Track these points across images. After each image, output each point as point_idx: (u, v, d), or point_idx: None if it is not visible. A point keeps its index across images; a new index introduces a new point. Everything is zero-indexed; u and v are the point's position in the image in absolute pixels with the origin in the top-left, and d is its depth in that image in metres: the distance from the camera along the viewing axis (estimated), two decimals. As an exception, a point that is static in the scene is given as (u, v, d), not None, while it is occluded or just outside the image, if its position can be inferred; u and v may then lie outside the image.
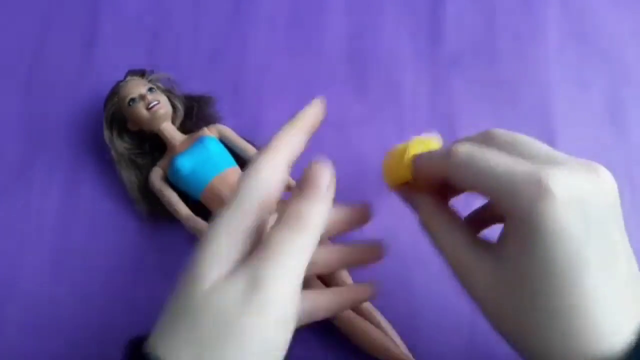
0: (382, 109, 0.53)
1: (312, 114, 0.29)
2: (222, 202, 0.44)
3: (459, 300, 0.47)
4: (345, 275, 0.45)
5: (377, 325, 0.43)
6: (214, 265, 0.21)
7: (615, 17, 0.57)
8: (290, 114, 0.56)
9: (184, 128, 0.51)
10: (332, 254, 0.32)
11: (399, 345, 0.43)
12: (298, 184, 0.24)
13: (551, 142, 0.52)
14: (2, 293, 0.47)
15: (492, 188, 0.24)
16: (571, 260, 0.21)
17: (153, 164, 0.50)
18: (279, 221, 0.22)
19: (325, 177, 0.24)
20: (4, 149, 0.52)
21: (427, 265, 0.48)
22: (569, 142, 0.52)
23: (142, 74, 0.51)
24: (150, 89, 0.48)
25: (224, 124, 0.51)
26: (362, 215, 0.27)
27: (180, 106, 0.51)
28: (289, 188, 0.46)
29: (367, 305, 0.44)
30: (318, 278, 0.45)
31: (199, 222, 0.46)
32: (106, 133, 0.49)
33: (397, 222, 0.49)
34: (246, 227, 0.23)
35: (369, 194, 0.50)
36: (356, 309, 0.44)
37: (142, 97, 0.47)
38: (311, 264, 0.23)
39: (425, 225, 0.30)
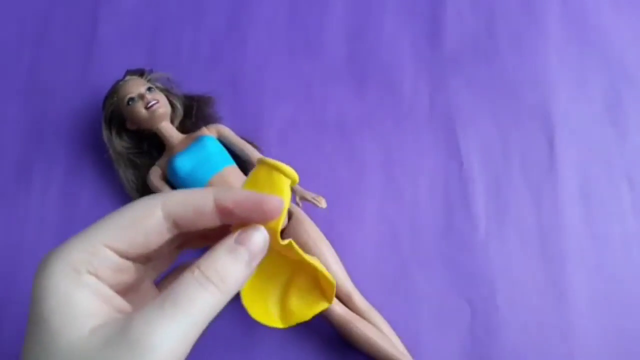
0: (382, 108, 0.53)
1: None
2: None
3: (459, 300, 0.47)
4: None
5: (375, 325, 0.43)
6: (83, 315, 0.18)
7: (615, 17, 0.57)
8: (290, 114, 0.56)
9: (183, 127, 0.51)
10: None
11: (398, 345, 0.43)
12: (233, 237, 0.20)
13: (551, 142, 0.52)
14: (2, 293, 0.47)
15: None
16: None
17: (152, 163, 0.50)
18: (190, 271, 0.19)
19: (261, 245, 0.20)
20: (4, 149, 0.52)
21: (427, 265, 0.48)
22: (569, 142, 0.52)
23: (141, 73, 0.51)
24: (149, 89, 0.48)
25: (224, 124, 0.51)
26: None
27: (179, 105, 0.51)
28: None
29: (366, 306, 0.44)
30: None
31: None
32: (105, 132, 0.49)
33: (398, 221, 0.49)
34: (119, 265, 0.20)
35: (369, 193, 0.50)
36: (355, 308, 0.44)
37: (141, 97, 0.47)
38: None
39: None
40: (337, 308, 0.43)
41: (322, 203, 0.45)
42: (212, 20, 0.57)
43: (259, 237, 0.20)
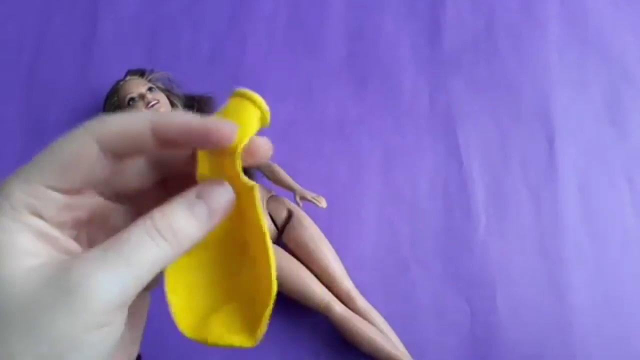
0: (382, 108, 0.53)
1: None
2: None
3: (459, 300, 0.47)
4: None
5: (375, 325, 0.43)
6: (20, 254, 0.17)
7: (615, 17, 0.57)
8: (290, 114, 0.56)
9: (184, 128, 0.51)
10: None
11: (397, 345, 0.43)
12: (194, 190, 0.19)
13: (551, 142, 0.52)
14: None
15: None
16: None
17: (153, 163, 0.50)
18: (142, 221, 0.18)
19: (222, 203, 0.19)
20: (4, 148, 0.52)
21: (427, 265, 0.48)
22: (569, 142, 0.52)
23: (141, 73, 0.51)
24: (149, 88, 0.48)
25: (224, 124, 0.51)
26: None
27: (180, 105, 0.51)
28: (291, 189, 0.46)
29: (366, 306, 0.44)
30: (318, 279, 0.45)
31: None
32: (106, 132, 0.49)
33: (397, 221, 0.49)
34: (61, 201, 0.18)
35: (369, 192, 0.50)
36: (355, 308, 0.44)
37: (142, 97, 0.47)
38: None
39: None
40: (338, 307, 0.43)
41: (322, 203, 0.45)
42: (212, 20, 0.57)
43: (221, 194, 0.19)
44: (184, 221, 0.18)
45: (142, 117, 0.18)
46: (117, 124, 0.18)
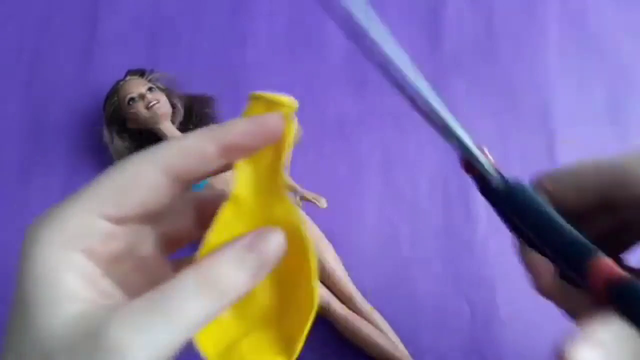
0: (382, 108, 0.53)
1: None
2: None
3: (459, 300, 0.47)
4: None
5: (376, 325, 0.43)
6: (67, 299, 0.16)
7: (615, 17, 0.57)
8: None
9: (184, 127, 0.51)
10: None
11: (397, 345, 0.43)
12: (246, 239, 0.18)
13: (551, 142, 0.52)
14: (1, 294, 0.47)
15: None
16: None
17: (152, 163, 0.50)
18: (188, 273, 0.17)
19: (274, 252, 0.18)
20: (4, 149, 0.52)
21: (427, 265, 0.48)
22: (569, 142, 0.52)
23: (141, 73, 0.51)
24: (149, 89, 0.48)
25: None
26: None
27: (179, 105, 0.51)
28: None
29: (366, 306, 0.44)
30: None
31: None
32: (106, 132, 0.49)
33: (397, 221, 0.49)
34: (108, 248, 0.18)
35: (369, 192, 0.50)
36: (355, 309, 0.44)
37: (142, 97, 0.47)
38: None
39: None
40: (338, 307, 0.43)
41: (323, 203, 0.45)
42: (212, 20, 0.57)
43: (273, 242, 0.18)
44: (233, 273, 0.17)
45: (201, 134, 0.18)
46: (178, 143, 0.18)
